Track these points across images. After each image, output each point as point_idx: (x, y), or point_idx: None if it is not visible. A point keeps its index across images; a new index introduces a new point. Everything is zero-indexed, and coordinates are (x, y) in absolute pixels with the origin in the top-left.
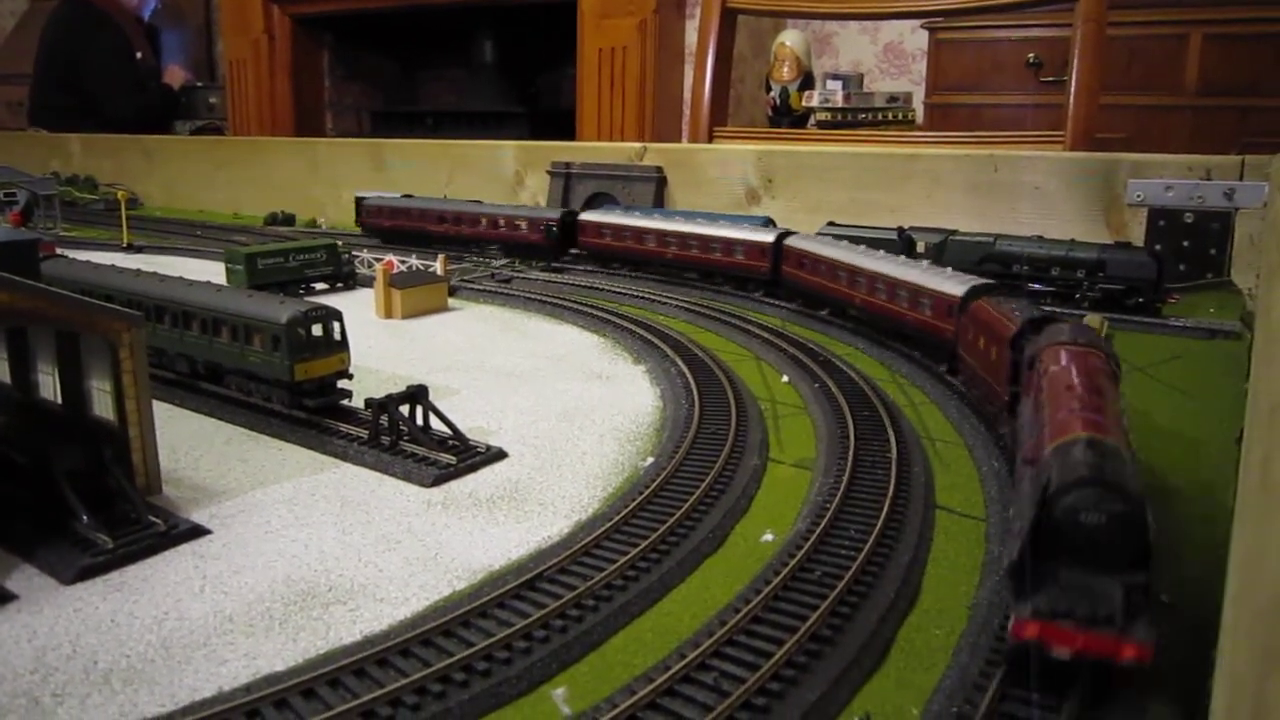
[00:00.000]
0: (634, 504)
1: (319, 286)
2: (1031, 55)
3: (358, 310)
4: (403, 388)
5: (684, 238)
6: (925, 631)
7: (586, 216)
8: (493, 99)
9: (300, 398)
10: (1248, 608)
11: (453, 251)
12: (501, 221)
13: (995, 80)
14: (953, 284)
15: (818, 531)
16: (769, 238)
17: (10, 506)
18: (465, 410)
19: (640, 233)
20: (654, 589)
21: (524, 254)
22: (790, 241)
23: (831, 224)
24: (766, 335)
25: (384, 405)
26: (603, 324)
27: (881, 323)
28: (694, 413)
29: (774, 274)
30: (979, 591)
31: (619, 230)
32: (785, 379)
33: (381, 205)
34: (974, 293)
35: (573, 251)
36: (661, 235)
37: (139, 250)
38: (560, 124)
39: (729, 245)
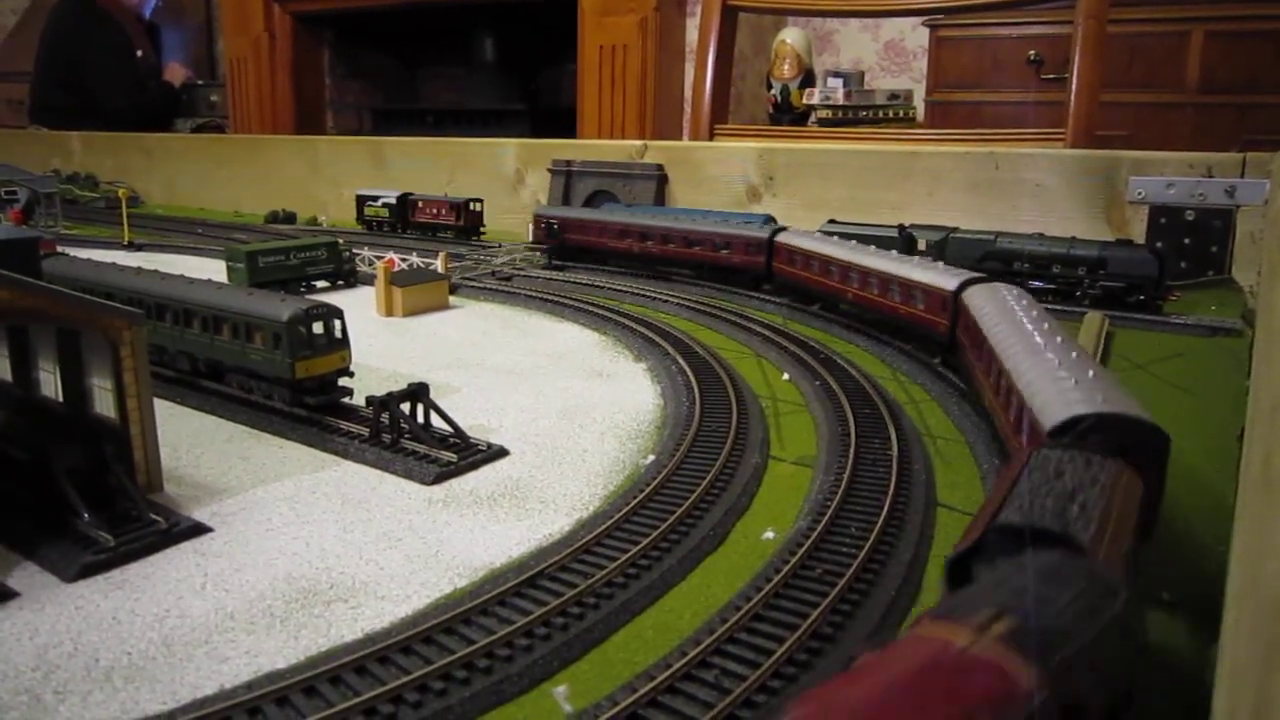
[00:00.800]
0: (635, 502)
1: (320, 284)
2: (1032, 52)
3: (359, 308)
4: (403, 385)
5: (865, 274)
6: None
7: (781, 239)
8: (493, 97)
9: (301, 395)
10: (1249, 605)
11: (643, 271)
12: (707, 240)
13: (996, 78)
14: (1062, 403)
15: (819, 529)
16: (951, 284)
17: (11, 504)
18: (466, 408)
19: (826, 263)
20: (655, 586)
21: (723, 279)
22: (969, 295)
23: (832, 221)
24: (767, 333)
25: (385, 403)
26: (604, 322)
27: (1002, 429)
28: (695, 410)
29: (952, 337)
30: None
31: (806, 258)
32: (786, 376)
33: (552, 216)
34: (1080, 420)
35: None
36: (845, 269)
37: (140, 248)
38: (561, 122)
39: (908, 289)
